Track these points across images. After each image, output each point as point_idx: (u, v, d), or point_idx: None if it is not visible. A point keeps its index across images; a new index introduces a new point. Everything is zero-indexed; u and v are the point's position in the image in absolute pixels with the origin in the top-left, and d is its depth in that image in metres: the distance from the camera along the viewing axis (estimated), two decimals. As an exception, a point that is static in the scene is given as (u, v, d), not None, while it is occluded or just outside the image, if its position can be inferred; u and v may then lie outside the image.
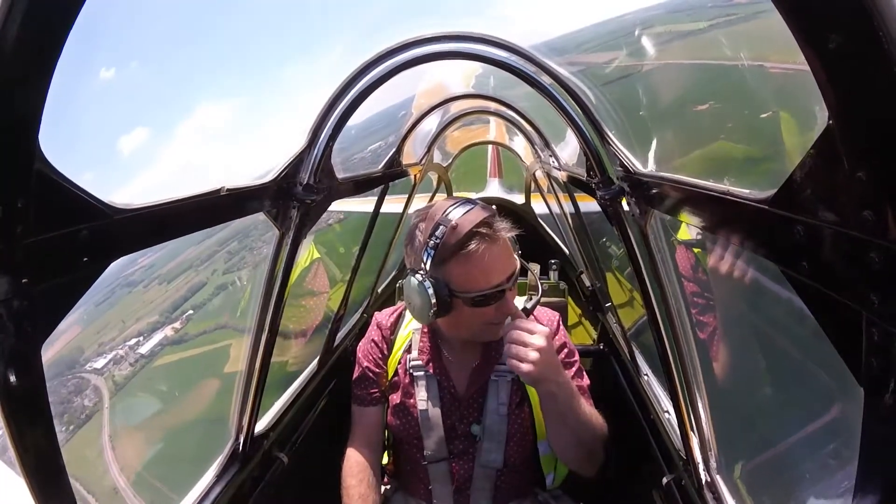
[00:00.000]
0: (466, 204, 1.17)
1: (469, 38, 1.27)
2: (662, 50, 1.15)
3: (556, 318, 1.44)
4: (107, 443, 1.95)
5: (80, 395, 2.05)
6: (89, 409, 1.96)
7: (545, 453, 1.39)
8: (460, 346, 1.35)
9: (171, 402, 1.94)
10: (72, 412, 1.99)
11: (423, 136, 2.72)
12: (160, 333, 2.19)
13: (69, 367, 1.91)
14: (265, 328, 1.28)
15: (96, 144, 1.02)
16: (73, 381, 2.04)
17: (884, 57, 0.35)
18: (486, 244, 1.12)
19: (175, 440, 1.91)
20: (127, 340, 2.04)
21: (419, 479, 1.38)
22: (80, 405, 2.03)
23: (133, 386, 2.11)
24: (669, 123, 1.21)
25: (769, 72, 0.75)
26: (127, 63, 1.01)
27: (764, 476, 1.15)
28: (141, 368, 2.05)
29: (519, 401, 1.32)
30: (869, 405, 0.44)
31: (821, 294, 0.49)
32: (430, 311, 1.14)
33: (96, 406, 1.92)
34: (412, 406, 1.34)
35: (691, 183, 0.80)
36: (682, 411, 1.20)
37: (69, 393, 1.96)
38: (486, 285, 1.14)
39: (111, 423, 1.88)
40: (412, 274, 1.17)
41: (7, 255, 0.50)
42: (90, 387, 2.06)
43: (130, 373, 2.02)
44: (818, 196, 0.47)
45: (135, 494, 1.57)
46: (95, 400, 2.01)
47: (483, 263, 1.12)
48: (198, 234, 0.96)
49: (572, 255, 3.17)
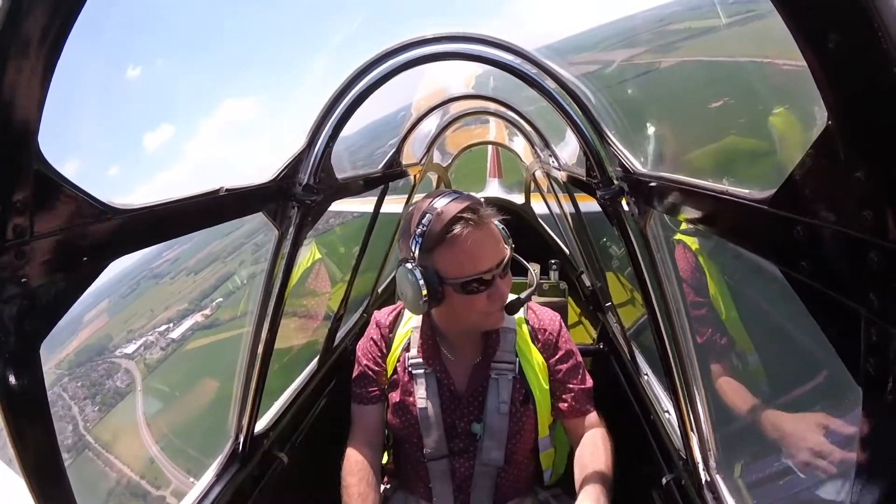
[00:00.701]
0: (452, 194, 1.19)
1: (469, 39, 1.27)
2: (662, 51, 1.15)
3: (558, 320, 1.44)
4: (141, 418, 2.09)
5: (112, 379, 2.18)
6: (122, 390, 2.10)
7: (546, 449, 1.39)
8: (459, 343, 1.35)
9: (202, 381, 1.98)
10: (104, 394, 2.14)
11: (422, 136, 2.72)
12: (190, 320, 2.27)
13: (99, 353, 2.05)
14: (265, 328, 1.28)
15: (96, 145, 1.02)
16: (103, 367, 2.17)
17: (884, 57, 0.35)
18: (470, 228, 1.13)
19: (205, 416, 1.96)
20: (157, 327, 2.17)
21: (419, 478, 1.38)
22: (113, 387, 2.17)
23: (164, 368, 2.22)
24: (668, 124, 1.22)
25: (768, 72, 0.75)
26: (127, 64, 1.01)
27: (764, 476, 1.15)
28: (172, 353, 2.16)
29: (522, 398, 1.32)
30: (867, 404, 0.44)
31: (820, 294, 0.49)
32: (422, 301, 1.14)
33: (129, 387, 2.06)
34: (411, 404, 1.34)
35: (691, 183, 0.80)
36: (682, 411, 1.20)
37: (100, 376, 2.10)
38: (474, 270, 1.14)
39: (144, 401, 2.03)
40: (402, 263, 1.18)
41: (6, 255, 0.50)
42: (121, 370, 2.19)
43: (162, 356, 2.14)
44: (817, 196, 0.47)
45: (170, 459, 1.63)
46: (128, 381, 2.15)
47: (469, 248, 1.13)
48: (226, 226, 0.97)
49: (572, 255, 3.17)
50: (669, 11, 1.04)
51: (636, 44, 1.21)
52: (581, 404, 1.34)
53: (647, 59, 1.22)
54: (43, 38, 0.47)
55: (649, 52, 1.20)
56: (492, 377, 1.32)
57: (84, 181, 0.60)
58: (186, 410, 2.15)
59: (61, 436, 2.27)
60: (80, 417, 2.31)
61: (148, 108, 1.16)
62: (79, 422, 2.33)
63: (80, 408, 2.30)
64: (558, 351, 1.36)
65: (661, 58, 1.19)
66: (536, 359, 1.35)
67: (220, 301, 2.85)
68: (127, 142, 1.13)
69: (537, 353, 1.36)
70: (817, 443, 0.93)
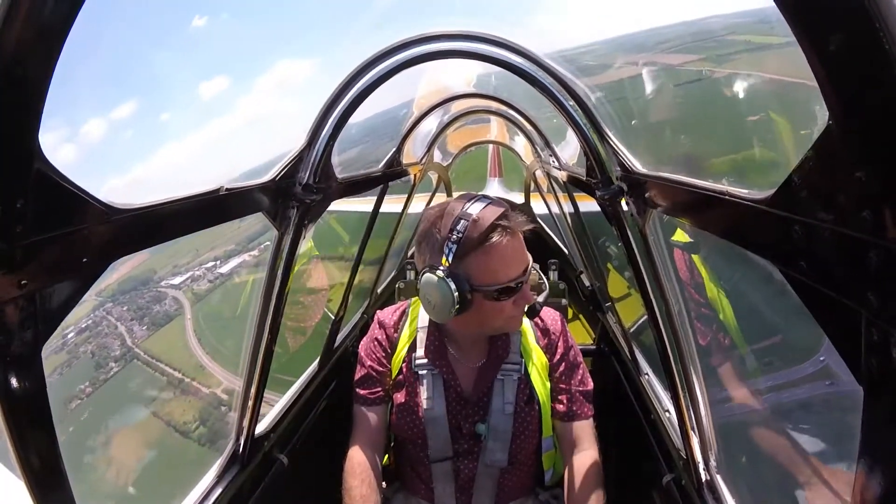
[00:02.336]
0: (483, 199, 1.17)
1: (470, 38, 1.27)
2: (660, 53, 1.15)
3: (560, 318, 1.44)
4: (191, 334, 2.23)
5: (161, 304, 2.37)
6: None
7: (548, 450, 1.39)
8: (467, 345, 1.35)
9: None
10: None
11: (423, 135, 2.72)
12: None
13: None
14: (265, 330, 1.28)
15: (96, 144, 1.02)
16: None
17: (884, 57, 0.35)
18: (507, 237, 1.13)
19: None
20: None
21: (421, 479, 1.38)
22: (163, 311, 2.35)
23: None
24: (669, 124, 1.22)
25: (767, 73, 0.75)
26: (126, 65, 1.01)
27: (764, 476, 1.15)
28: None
29: (527, 399, 1.32)
30: (868, 404, 0.44)
31: (820, 294, 0.49)
32: (452, 309, 1.13)
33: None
34: (417, 405, 1.34)
35: (690, 183, 0.80)
36: (682, 411, 1.20)
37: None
38: (506, 278, 1.15)
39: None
40: (431, 271, 1.14)
41: (6, 256, 0.50)
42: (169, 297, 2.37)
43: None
44: (817, 196, 0.47)
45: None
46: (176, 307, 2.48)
47: (505, 256, 1.13)
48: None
49: (572, 255, 3.16)
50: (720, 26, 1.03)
51: (637, 46, 1.21)
52: (577, 407, 1.33)
53: (646, 59, 1.22)
54: (43, 36, 0.47)
55: (648, 54, 1.20)
56: (497, 378, 1.32)
57: (85, 181, 0.60)
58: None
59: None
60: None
61: (148, 109, 1.15)
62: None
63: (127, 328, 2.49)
64: (559, 351, 1.36)
65: (659, 59, 1.19)
66: (540, 359, 1.35)
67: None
68: (126, 141, 1.13)
69: (541, 353, 1.36)
70: (818, 443, 0.93)
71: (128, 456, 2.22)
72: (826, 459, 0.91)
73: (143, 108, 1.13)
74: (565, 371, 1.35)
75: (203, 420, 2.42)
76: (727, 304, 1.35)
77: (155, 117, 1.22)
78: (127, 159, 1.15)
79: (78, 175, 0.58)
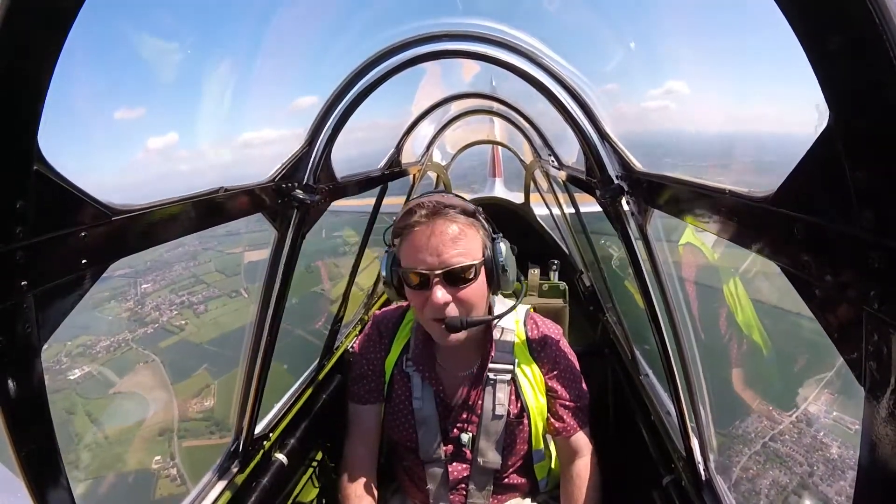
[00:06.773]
0: (437, 193, 1.24)
1: (470, 38, 1.27)
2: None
3: (559, 332, 1.41)
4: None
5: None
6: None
7: (540, 461, 1.39)
8: (452, 351, 1.32)
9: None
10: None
11: (422, 135, 2.71)
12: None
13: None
14: (265, 330, 1.27)
15: (96, 144, 1.02)
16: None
17: (885, 58, 0.35)
18: (427, 221, 1.14)
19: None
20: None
21: (417, 480, 1.38)
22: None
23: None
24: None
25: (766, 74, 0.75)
26: (126, 64, 1.00)
27: (763, 476, 1.15)
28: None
29: (518, 411, 1.31)
30: (869, 404, 0.44)
31: (821, 293, 0.49)
32: (391, 287, 1.24)
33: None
34: (408, 408, 1.34)
35: (691, 181, 0.80)
36: (682, 411, 1.20)
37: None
38: (415, 263, 1.15)
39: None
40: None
41: (6, 257, 0.50)
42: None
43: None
44: (818, 194, 0.47)
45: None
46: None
47: (420, 239, 1.15)
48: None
49: (572, 255, 3.16)
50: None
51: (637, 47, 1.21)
52: (574, 422, 1.33)
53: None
54: (43, 38, 0.47)
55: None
56: (487, 384, 1.31)
57: (84, 181, 0.59)
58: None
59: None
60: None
61: (148, 109, 1.15)
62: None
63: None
64: (557, 366, 1.34)
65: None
66: (533, 372, 1.33)
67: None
68: (126, 142, 1.12)
69: (535, 366, 1.34)
70: (818, 443, 0.93)
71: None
72: (826, 459, 0.91)
73: (142, 108, 1.13)
74: (562, 387, 1.33)
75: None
76: (729, 304, 1.35)
77: (155, 118, 1.21)
78: (127, 160, 1.14)
79: (78, 175, 0.58)
